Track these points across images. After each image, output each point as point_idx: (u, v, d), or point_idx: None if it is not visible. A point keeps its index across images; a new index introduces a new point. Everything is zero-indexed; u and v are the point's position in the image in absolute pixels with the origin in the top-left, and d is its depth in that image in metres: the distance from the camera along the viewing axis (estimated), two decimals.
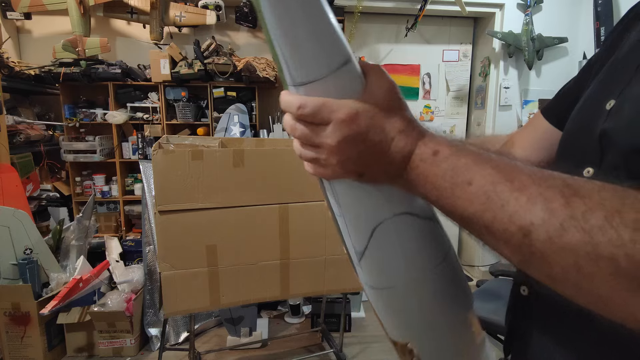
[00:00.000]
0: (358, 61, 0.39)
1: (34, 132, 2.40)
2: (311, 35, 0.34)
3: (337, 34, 0.36)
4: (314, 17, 0.34)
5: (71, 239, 2.14)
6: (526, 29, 2.77)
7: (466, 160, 0.33)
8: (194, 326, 1.64)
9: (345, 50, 0.37)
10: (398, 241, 0.41)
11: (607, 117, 0.41)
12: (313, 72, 0.35)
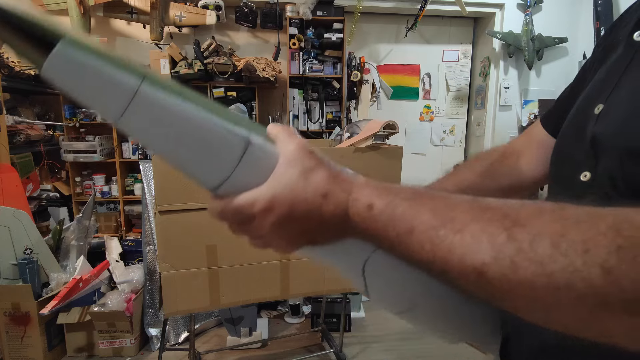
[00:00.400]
0: (265, 133, 0.37)
1: (34, 132, 2.40)
2: (196, 151, 0.34)
3: (223, 131, 0.34)
4: (191, 136, 0.34)
5: (71, 239, 2.14)
6: (526, 29, 2.77)
7: (402, 208, 0.32)
8: (194, 326, 1.64)
9: (240, 139, 0.35)
10: (391, 269, 0.41)
11: (596, 121, 0.41)
12: (218, 175, 0.35)
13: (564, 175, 0.46)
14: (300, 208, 0.34)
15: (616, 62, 0.44)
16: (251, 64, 2.44)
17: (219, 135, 0.34)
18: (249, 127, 0.36)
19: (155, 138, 0.35)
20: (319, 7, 2.58)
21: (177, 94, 0.33)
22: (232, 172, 0.35)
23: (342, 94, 2.74)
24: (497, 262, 0.27)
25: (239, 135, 0.35)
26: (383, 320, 2.43)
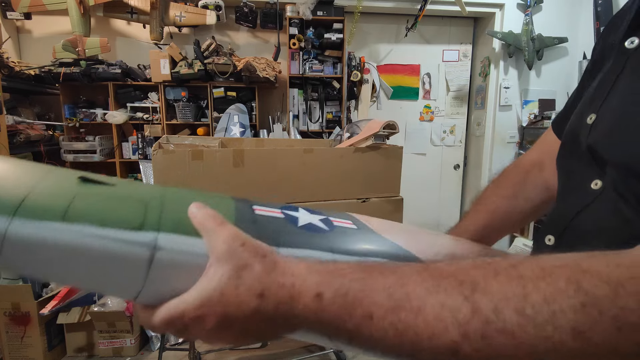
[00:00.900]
0: (186, 224, 0.33)
1: (34, 132, 2.40)
2: (94, 274, 0.31)
3: (117, 246, 0.30)
4: (80, 263, 0.30)
5: None
6: (526, 29, 2.77)
7: (353, 292, 0.29)
8: None
9: (141, 248, 0.31)
10: None
11: (589, 131, 0.42)
12: (130, 289, 0.32)
13: (575, 182, 0.45)
14: (234, 313, 0.30)
15: (609, 72, 0.44)
16: (251, 64, 2.44)
17: (113, 252, 0.30)
18: (160, 223, 0.31)
19: (44, 274, 0.31)
20: (319, 7, 2.58)
21: (58, 216, 0.29)
22: (143, 285, 0.31)
23: (342, 94, 2.74)
24: (468, 339, 0.26)
25: (139, 243, 0.30)
26: None
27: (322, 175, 1.45)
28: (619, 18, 0.48)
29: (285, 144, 1.88)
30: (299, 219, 0.42)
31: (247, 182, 1.36)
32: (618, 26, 0.46)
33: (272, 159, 1.40)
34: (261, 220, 0.40)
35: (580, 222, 0.41)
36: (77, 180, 0.33)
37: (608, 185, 0.39)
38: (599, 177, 0.41)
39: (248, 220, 0.39)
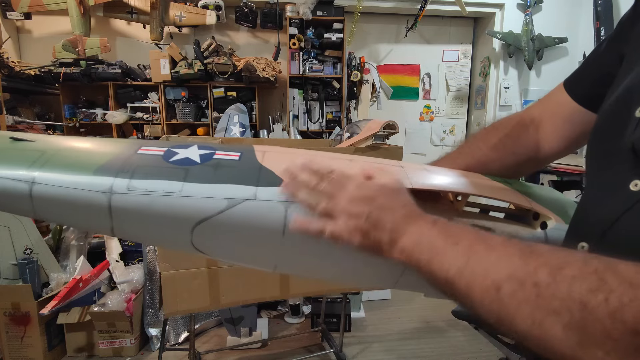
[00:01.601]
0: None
1: (34, 132, 2.40)
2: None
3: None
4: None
5: (71, 239, 2.14)
6: (526, 29, 2.77)
7: (456, 228, 0.40)
8: (193, 326, 1.64)
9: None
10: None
11: (636, 126, 0.38)
12: None
13: (610, 182, 0.42)
14: (383, 200, 0.43)
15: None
16: (251, 64, 2.44)
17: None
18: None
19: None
20: (319, 7, 2.58)
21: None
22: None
23: (342, 94, 2.74)
24: (510, 280, 0.33)
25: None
26: (383, 320, 2.43)
27: None
28: None
29: (285, 144, 1.88)
30: (178, 154, 0.45)
31: None
32: None
33: None
34: (137, 158, 0.44)
35: (621, 229, 0.38)
36: (9, 139, 0.42)
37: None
38: (638, 177, 0.37)
39: (126, 160, 0.43)
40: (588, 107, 0.53)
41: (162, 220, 0.41)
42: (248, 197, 0.42)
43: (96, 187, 0.38)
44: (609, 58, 0.50)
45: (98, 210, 0.38)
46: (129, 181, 0.39)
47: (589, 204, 0.45)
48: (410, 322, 2.41)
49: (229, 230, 0.43)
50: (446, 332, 2.30)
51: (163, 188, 0.40)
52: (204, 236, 0.44)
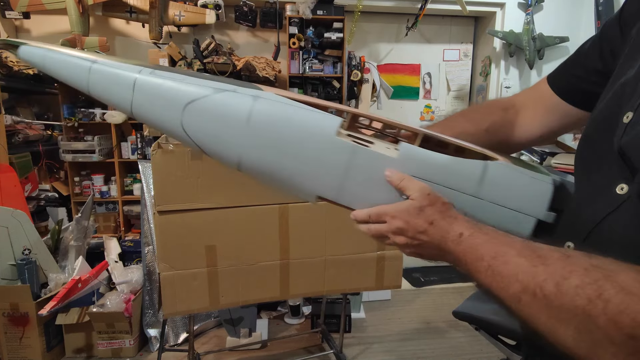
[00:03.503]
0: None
1: (33, 131, 2.39)
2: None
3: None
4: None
5: (70, 240, 2.13)
6: (527, 28, 2.76)
7: (479, 240, 0.43)
8: (193, 327, 1.64)
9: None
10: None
11: (624, 131, 0.39)
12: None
13: (597, 185, 0.43)
14: (411, 226, 0.48)
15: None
16: (251, 63, 2.43)
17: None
18: None
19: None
20: (319, 6, 2.57)
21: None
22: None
23: (342, 93, 2.73)
24: (525, 291, 0.36)
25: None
26: (383, 321, 2.42)
27: None
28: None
29: None
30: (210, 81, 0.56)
31: (247, 182, 1.35)
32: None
33: None
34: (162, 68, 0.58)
35: (604, 230, 0.40)
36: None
37: (636, 191, 0.37)
38: (626, 181, 0.38)
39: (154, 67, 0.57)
40: (568, 100, 0.57)
41: (165, 98, 0.53)
42: (228, 89, 0.52)
43: (130, 69, 0.53)
44: (592, 56, 0.53)
45: (127, 84, 0.53)
46: (153, 70, 0.54)
47: (578, 205, 0.47)
48: (411, 323, 2.40)
49: (209, 112, 0.52)
50: (446, 332, 2.29)
51: (172, 77, 0.54)
52: (190, 116, 0.52)
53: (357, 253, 1.51)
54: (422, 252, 0.49)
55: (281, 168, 0.53)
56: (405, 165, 0.50)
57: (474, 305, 1.57)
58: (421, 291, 2.85)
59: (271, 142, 0.51)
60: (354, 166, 0.50)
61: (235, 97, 0.52)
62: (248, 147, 0.52)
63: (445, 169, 0.50)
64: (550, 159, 2.62)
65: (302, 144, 0.51)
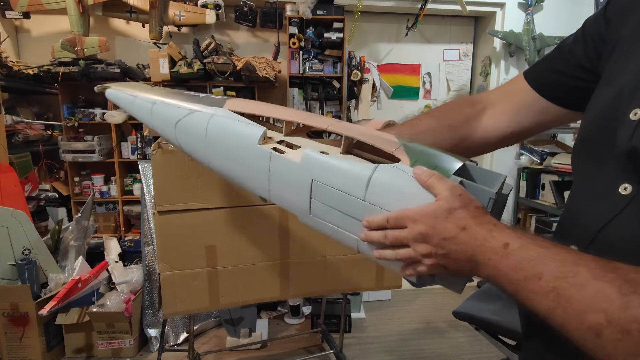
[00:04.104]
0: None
1: (33, 131, 2.39)
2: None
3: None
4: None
5: (70, 239, 2.13)
6: (527, 28, 2.76)
7: (534, 253, 0.35)
8: (193, 327, 1.64)
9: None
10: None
11: (634, 130, 0.37)
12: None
13: (599, 184, 0.42)
14: (437, 231, 0.40)
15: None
16: (251, 63, 2.43)
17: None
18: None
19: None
20: (319, 6, 2.57)
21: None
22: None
23: (342, 93, 2.73)
24: (612, 326, 0.29)
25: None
26: (383, 321, 2.42)
27: None
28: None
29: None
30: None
31: None
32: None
33: None
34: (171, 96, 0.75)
35: (610, 233, 0.38)
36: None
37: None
38: (629, 181, 0.37)
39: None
40: (547, 96, 0.55)
41: (165, 119, 0.70)
42: (197, 110, 0.66)
43: (149, 101, 0.74)
44: (576, 53, 0.51)
45: (148, 110, 0.73)
46: (162, 99, 0.72)
47: (579, 208, 0.45)
48: (411, 323, 2.40)
49: (187, 127, 0.66)
50: (447, 332, 2.29)
51: (171, 102, 0.71)
52: (178, 132, 0.68)
53: (357, 253, 1.51)
54: (447, 264, 0.41)
55: (231, 171, 0.63)
56: (306, 169, 0.52)
57: (474, 305, 1.57)
58: (421, 291, 2.85)
59: (220, 150, 0.62)
60: (272, 170, 0.55)
61: (199, 116, 0.65)
62: (210, 155, 0.64)
63: (337, 172, 0.49)
64: (551, 159, 2.62)
65: (238, 151, 0.60)
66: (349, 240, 0.52)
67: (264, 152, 0.56)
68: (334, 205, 0.50)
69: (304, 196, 0.52)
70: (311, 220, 0.54)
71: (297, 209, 0.55)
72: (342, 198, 0.49)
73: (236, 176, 0.63)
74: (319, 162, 0.51)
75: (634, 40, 0.43)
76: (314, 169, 0.51)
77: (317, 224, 0.53)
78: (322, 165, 0.51)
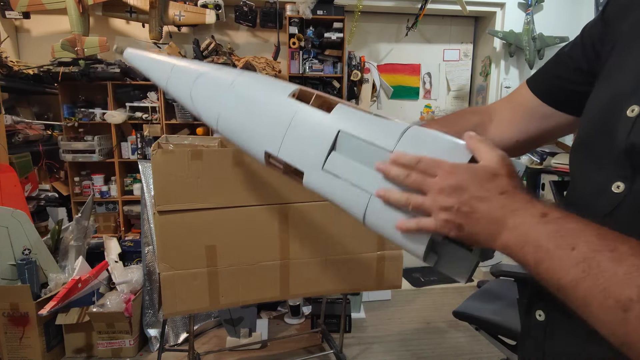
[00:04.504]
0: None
1: (33, 131, 2.39)
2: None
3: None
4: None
5: (70, 239, 2.13)
6: (527, 28, 2.76)
7: (574, 225, 0.34)
8: (193, 327, 1.64)
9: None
10: None
11: (632, 126, 0.37)
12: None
13: (592, 180, 0.42)
14: (474, 187, 0.38)
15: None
16: (251, 63, 2.43)
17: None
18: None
19: None
20: (319, 6, 2.57)
21: None
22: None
23: (342, 93, 2.73)
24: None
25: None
26: (383, 321, 2.42)
27: None
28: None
29: None
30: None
31: (247, 182, 1.35)
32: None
33: None
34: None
35: None
36: None
37: (635, 190, 0.35)
38: (622, 179, 0.37)
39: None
40: (549, 102, 0.55)
41: (186, 73, 0.73)
42: (223, 68, 0.71)
43: (172, 60, 0.78)
44: (575, 56, 0.52)
45: (169, 67, 0.77)
46: (187, 63, 0.76)
47: (574, 206, 0.44)
48: (411, 323, 2.40)
49: (207, 81, 0.70)
50: (447, 332, 2.29)
51: (190, 63, 0.76)
52: (199, 84, 0.70)
53: (357, 253, 1.51)
54: (465, 224, 0.38)
55: (244, 124, 0.63)
56: (336, 120, 0.51)
57: (474, 305, 1.57)
58: (421, 291, 2.85)
59: (242, 101, 0.63)
60: (295, 121, 0.55)
61: (226, 71, 0.69)
62: (226, 105, 0.66)
63: (370, 123, 0.49)
64: (551, 159, 2.62)
65: (263, 104, 0.61)
66: (358, 200, 0.48)
67: (292, 103, 0.57)
68: (355, 156, 0.48)
69: (323, 147, 0.50)
70: (320, 177, 0.51)
71: (308, 163, 0.52)
72: (368, 149, 0.47)
73: (248, 129, 0.62)
74: (351, 112, 0.51)
75: (633, 38, 0.42)
76: (344, 120, 0.51)
77: (326, 181, 0.51)
78: (354, 116, 0.51)
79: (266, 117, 0.59)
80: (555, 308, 0.46)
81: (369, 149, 0.47)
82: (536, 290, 0.50)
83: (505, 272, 1.45)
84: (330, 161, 0.50)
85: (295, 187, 1.41)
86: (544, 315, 0.47)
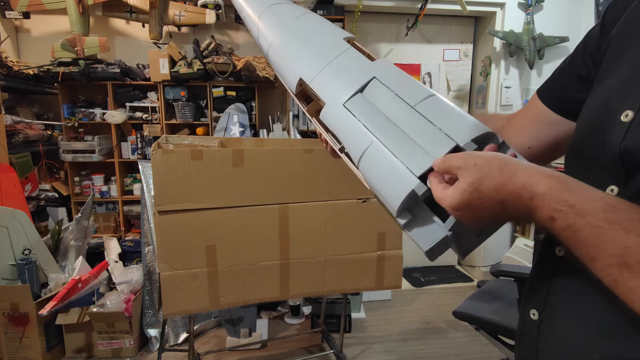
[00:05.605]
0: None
1: (33, 131, 2.39)
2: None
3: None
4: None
5: (70, 239, 2.13)
6: (527, 28, 2.76)
7: (586, 232, 0.33)
8: (193, 327, 1.64)
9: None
10: None
11: (626, 131, 0.37)
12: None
13: (587, 183, 0.42)
14: (481, 213, 0.38)
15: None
16: (251, 63, 2.43)
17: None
18: None
19: None
20: (319, 6, 2.57)
21: None
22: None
23: None
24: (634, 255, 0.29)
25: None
26: (383, 321, 2.42)
27: (322, 176, 1.44)
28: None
29: (285, 144, 1.87)
30: None
31: (247, 182, 1.36)
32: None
33: (272, 159, 1.39)
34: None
35: None
36: None
37: (629, 193, 0.35)
38: (616, 183, 0.37)
39: None
40: (556, 110, 0.56)
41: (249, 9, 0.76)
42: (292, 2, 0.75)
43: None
44: (576, 63, 0.52)
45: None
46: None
47: None
48: (411, 323, 2.40)
49: (276, 10, 0.71)
50: (447, 332, 2.29)
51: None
52: (266, 13, 0.72)
53: (357, 253, 1.51)
54: (489, 223, 0.39)
55: (297, 48, 0.65)
56: (375, 67, 0.56)
57: (474, 305, 1.57)
58: (421, 291, 2.85)
59: (303, 30, 0.66)
60: (339, 58, 0.59)
61: (295, 6, 0.72)
62: (285, 32, 0.68)
63: (404, 80, 0.54)
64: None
65: (319, 37, 0.64)
66: (361, 141, 0.51)
67: (343, 43, 0.61)
68: (378, 102, 0.52)
69: (354, 86, 0.54)
70: (338, 111, 0.54)
71: (333, 96, 0.55)
72: (392, 99, 0.52)
73: (295, 54, 0.65)
74: (391, 66, 0.56)
75: (624, 43, 0.43)
76: (382, 70, 0.55)
77: (342, 116, 0.54)
78: (392, 70, 0.56)
79: (316, 47, 0.63)
80: (549, 308, 0.47)
81: (395, 99, 0.51)
82: (530, 289, 0.51)
83: (505, 272, 1.45)
84: (353, 100, 0.54)
85: (295, 187, 1.41)
86: (537, 314, 0.47)
